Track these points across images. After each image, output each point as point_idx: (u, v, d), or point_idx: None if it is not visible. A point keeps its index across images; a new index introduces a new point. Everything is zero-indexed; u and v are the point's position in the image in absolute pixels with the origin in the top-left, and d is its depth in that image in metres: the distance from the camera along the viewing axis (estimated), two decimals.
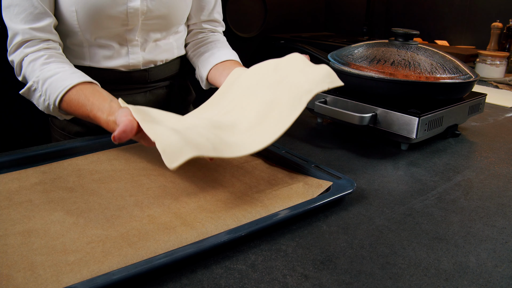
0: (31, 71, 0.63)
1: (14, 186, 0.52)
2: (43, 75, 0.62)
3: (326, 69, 0.56)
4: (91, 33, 0.69)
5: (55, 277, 0.36)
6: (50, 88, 0.61)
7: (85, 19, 0.67)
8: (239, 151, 0.48)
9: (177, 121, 0.51)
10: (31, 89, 0.64)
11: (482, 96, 0.81)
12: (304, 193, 0.52)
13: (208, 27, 0.86)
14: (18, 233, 0.42)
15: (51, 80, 0.61)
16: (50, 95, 0.61)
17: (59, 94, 0.60)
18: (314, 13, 2.72)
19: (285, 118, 0.51)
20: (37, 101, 0.65)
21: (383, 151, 0.70)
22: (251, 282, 0.38)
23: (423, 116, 0.66)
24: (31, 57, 0.64)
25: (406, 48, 0.75)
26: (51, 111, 0.64)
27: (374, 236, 0.46)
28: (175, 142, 0.42)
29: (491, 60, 1.35)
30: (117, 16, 0.68)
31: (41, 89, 0.62)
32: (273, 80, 0.59)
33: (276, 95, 0.56)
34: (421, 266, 0.41)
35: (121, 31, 0.71)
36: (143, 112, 0.50)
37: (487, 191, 0.57)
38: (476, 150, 0.72)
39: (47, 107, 0.64)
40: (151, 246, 0.40)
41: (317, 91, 0.53)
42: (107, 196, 0.50)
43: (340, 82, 0.55)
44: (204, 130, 0.49)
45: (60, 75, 0.62)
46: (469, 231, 0.47)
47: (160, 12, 0.72)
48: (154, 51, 0.77)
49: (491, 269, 0.41)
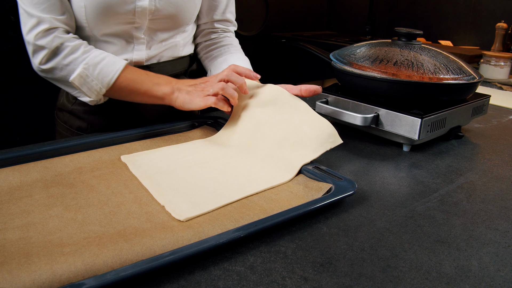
0: (75, 59, 0.66)
1: (15, 181, 0.52)
2: (92, 61, 0.66)
3: (328, 126, 0.61)
4: (98, 29, 0.70)
5: (49, 266, 0.36)
6: (103, 71, 0.66)
7: (93, 15, 0.68)
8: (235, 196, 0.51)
9: (183, 174, 0.56)
10: (82, 75, 0.66)
11: (486, 98, 0.80)
12: (304, 197, 0.51)
13: (220, 26, 0.85)
14: (17, 227, 0.43)
15: (101, 65, 0.66)
16: (103, 79, 0.66)
17: (114, 75, 0.66)
18: (316, 12, 2.71)
19: (283, 175, 0.56)
20: (87, 87, 0.67)
21: (385, 152, 0.70)
22: (249, 284, 0.38)
23: (426, 117, 0.65)
24: (70, 44, 0.66)
25: (409, 48, 0.74)
26: (97, 96, 0.68)
27: (375, 239, 0.45)
28: (184, 206, 0.48)
29: (495, 61, 1.34)
30: (125, 14, 0.69)
31: (92, 74, 0.66)
32: (279, 123, 0.63)
33: (280, 149, 0.60)
34: (423, 270, 0.40)
35: (128, 29, 0.72)
36: (149, 177, 0.55)
37: (490, 194, 0.56)
38: (479, 152, 0.72)
39: (97, 90, 0.67)
40: (147, 242, 0.40)
41: (321, 153, 0.59)
42: (107, 193, 0.50)
43: (340, 141, 0.60)
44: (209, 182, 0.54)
45: (108, 59, 0.67)
46: (472, 234, 0.47)
47: (168, 12, 0.73)
48: (159, 48, 0.77)
49: (493, 273, 0.40)
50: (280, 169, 0.57)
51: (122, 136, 0.66)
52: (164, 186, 0.52)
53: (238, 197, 0.50)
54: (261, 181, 0.54)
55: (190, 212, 0.46)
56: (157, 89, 0.67)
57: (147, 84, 0.67)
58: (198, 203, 0.48)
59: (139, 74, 0.68)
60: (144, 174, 0.55)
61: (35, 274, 0.35)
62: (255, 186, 0.53)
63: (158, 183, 0.53)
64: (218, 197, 0.50)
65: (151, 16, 0.71)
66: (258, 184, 0.53)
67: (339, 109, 0.72)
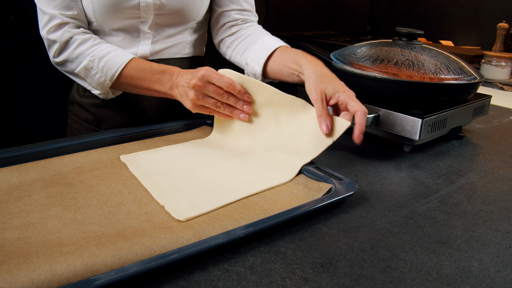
0: (83, 51, 0.68)
1: (14, 181, 0.52)
2: (98, 54, 0.68)
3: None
4: (106, 24, 0.72)
5: (48, 265, 0.36)
6: (107, 65, 0.68)
7: (101, 11, 0.70)
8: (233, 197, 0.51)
9: (184, 174, 0.56)
10: (87, 67, 0.68)
11: (487, 98, 0.80)
12: (304, 197, 0.51)
13: (240, 17, 0.83)
14: (16, 227, 0.42)
15: (106, 58, 0.68)
16: (107, 72, 0.68)
17: (117, 69, 0.67)
18: (316, 11, 2.70)
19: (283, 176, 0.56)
20: (92, 79, 0.69)
21: (386, 153, 0.69)
22: (249, 284, 0.37)
23: (426, 118, 0.65)
24: (79, 37, 0.69)
25: (410, 48, 0.74)
26: (104, 87, 0.70)
27: (375, 239, 0.45)
28: (184, 207, 0.48)
29: (497, 61, 1.34)
30: (130, 9, 0.70)
31: (97, 66, 0.68)
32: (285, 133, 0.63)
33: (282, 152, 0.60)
34: (423, 270, 0.40)
35: (134, 23, 0.73)
36: (150, 178, 0.54)
37: (491, 195, 0.56)
38: (480, 152, 0.72)
39: (102, 83, 0.69)
40: (146, 242, 0.40)
41: (321, 150, 0.59)
42: (106, 193, 0.50)
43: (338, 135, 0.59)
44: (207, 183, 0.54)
45: (113, 53, 0.68)
46: (472, 235, 0.47)
47: (173, 7, 0.73)
48: (165, 44, 0.77)
49: (494, 274, 0.40)
50: (280, 170, 0.57)
51: (121, 136, 0.66)
52: (164, 186, 0.52)
53: (238, 197, 0.50)
54: (261, 181, 0.54)
55: (189, 212, 0.46)
56: (158, 87, 0.68)
57: (149, 81, 0.68)
58: (198, 203, 0.48)
59: (142, 71, 0.68)
60: (144, 174, 0.55)
61: (34, 274, 0.35)
62: (255, 186, 0.53)
63: (158, 183, 0.53)
64: (218, 197, 0.50)
65: (156, 11, 0.72)
66: (258, 184, 0.53)
67: None
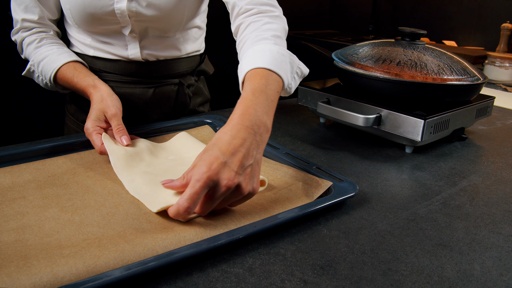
0: (29, 54, 0.74)
1: (6, 182, 0.51)
2: (37, 58, 0.72)
3: None
4: (88, 30, 0.72)
5: (49, 268, 0.35)
6: (43, 69, 0.71)
7: (79, 18, 0.71)
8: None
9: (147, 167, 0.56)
10: (30, 70, 0.74)
11: (490, 99, 0.79)
12: (304, 194, 0.51)
13: (249, 7, 0.68)
14: (12, 230, 0.42)
15: (43, 63, 0.71)
16: (45, 75, 0.72)
17: (51, 74, 0.70)
18: (318, 10, 2.69)
19: None
20: (37, 80, 0.75)
21: (387, 154, 0.69)
22: (248, 286, 0.37)
23: (429, 119, 0.65)
24: (27, 40, 0.73)
25: (413, 48, 0.74)
26: (50, 88, 0.74)
27: (376, 241, 0.45)
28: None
29: (500, 62, 1.33)
30: (107, 16, 0.69)
31: (37, 70, 0.73)
32: None
33: None
34: (424, 273, 0.40)
35: (116, 29, 0.72)
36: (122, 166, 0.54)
37: (493, 197, 0.56)
38: (483, 154, 0.71)
39: (45, 85, 0.74)
40: (149, 243, 0.39)
41: None
42: (103, 193, 0.50)
43: None
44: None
45: (48, 58, 0.71)
46: (474, 238, 0.46)
47: (152, 14, 0.70)
48: (155, 46, 0.76)
49: (496, 277, 0.40)
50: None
51: None
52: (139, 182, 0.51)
53: None
54: None
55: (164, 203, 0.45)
56: (83, 93, 0.68)
57: (75, 87, 0.69)
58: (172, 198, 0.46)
59: (68, 78, 0.69)
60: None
61: (36, 277, 0.34)
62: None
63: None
64: None
65: (134, 18, 0.70)
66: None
67: (341, 109, 0.71)
